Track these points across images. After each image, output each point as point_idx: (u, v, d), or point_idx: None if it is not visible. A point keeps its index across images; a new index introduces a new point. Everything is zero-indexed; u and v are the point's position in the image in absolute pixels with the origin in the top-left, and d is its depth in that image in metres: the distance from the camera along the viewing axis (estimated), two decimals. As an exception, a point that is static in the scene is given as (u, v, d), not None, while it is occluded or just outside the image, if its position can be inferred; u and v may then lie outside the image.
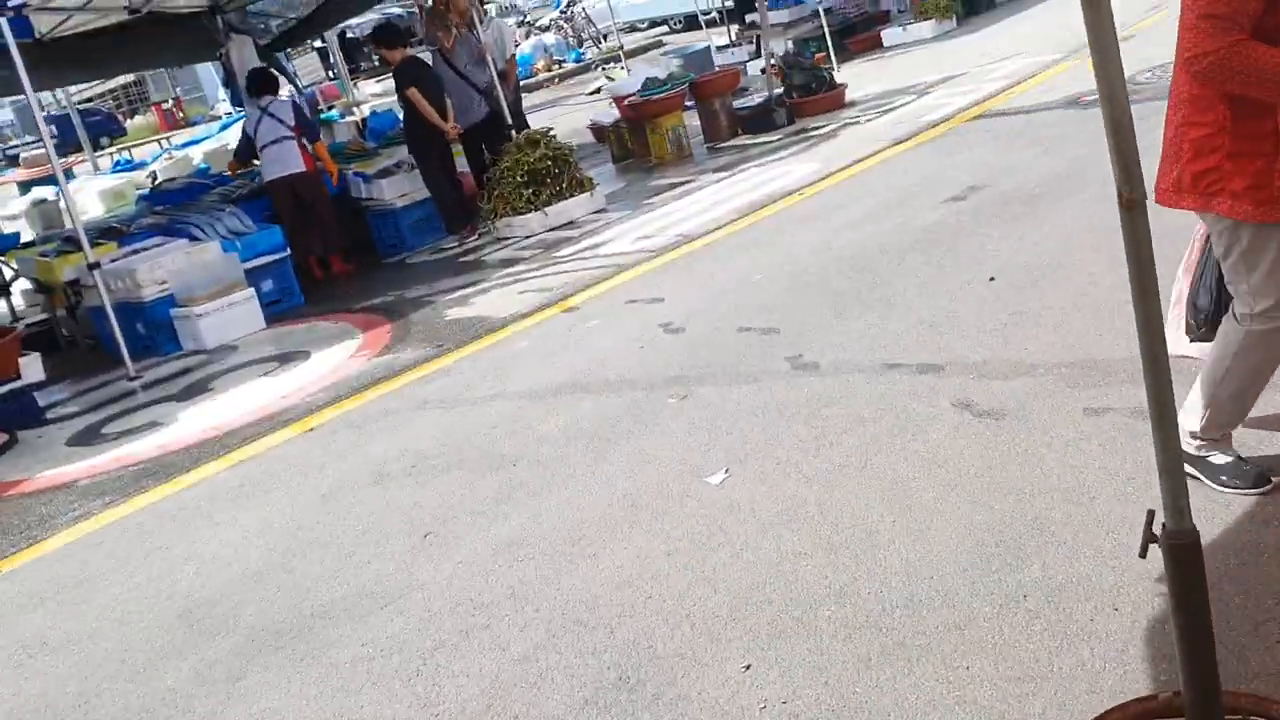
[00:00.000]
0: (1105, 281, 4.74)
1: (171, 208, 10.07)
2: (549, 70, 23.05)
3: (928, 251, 5.80)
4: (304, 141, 9.13)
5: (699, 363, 5.09)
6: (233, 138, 13.21)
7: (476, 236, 9.47)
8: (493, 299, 7.29)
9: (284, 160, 9.04)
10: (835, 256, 6.15)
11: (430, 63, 9.78)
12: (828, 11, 13.74)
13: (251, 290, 8.15)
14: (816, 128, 10.18)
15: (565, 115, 16.71)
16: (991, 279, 5.13)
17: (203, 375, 7.21)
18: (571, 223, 8.92)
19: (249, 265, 8.46)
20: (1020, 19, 13.88)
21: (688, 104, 10.94)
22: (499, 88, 9.72)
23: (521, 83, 13.32)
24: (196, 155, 15.35)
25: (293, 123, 9.09)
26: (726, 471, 3.93)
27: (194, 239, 8.67)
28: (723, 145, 10.58)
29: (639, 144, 11.06)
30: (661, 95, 10.48)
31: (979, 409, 3.92)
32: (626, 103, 10.93)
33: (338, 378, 6.35)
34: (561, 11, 26.52)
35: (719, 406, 4.53)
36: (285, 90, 13.44)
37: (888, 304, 5.19)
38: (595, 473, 4.21)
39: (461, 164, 9.99)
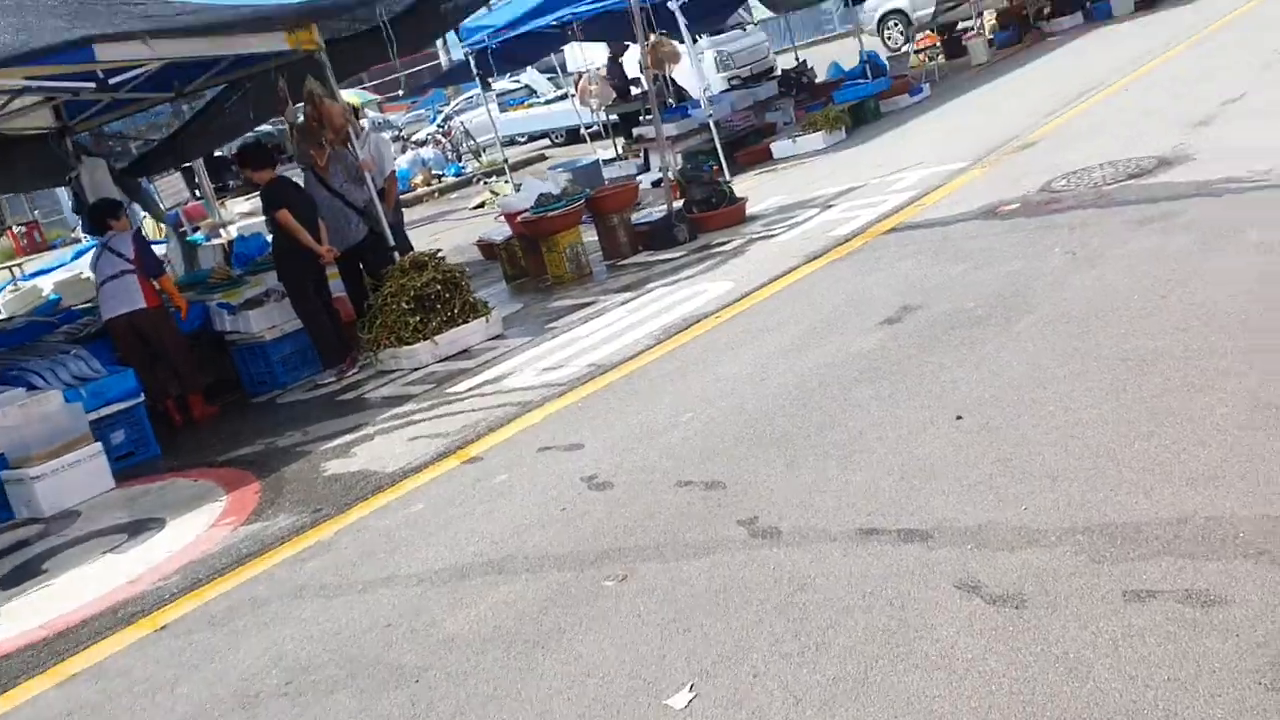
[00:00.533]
0: (1093, 418, 4.15)
1: (7, 351, 8.93)
2: (428, 184, 22.40)
3: (876, 383, 5.17)
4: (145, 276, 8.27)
5: (635, 529, 4.29)
6: (87, 266, 12.11)
7: (356, 370, 8.61)
8: (378, 447, 6.40)
9: (121, 297, 8.22)
10: (772, 390, 5.47)
11: (302, 183, 8.99)
12: (716, 125, 13.44)
13: (98, 445, 7.09)
14: (721, 244, 9.65)
15: (449, 231, 16.02)
16: (959, 418, 4.50)
17: (36, 552, 6.11)
18: (466, 352, 8.12)
19: (97, 415, 7.43)
20: (909, 129, 13.74)
21: (584, 219, 10.32)
22: (378, 206, 8.98)
23: (400, 197, 12.55)
24: (47, 285, 14.05)
25: (132, 255, 8.24)
26: (691, 690, 3.13)
27: (32, 388, 7.59)
28: (624, 263, 9.94)
29: (534, 262, 10.37)
30: (559, 211, 9.82)
31: (990, 593, 3.22)
32: (520, 219, 10.25)
33: (197, 554, 5.36)
34: (439, 126, 26.04)
35: (668, 591, 3.74)
36: (145, 220, 12.47)
37: (845, 450, 4.51)
38: (523, 692, 3.36)
39: (337, 288, 9.15)
